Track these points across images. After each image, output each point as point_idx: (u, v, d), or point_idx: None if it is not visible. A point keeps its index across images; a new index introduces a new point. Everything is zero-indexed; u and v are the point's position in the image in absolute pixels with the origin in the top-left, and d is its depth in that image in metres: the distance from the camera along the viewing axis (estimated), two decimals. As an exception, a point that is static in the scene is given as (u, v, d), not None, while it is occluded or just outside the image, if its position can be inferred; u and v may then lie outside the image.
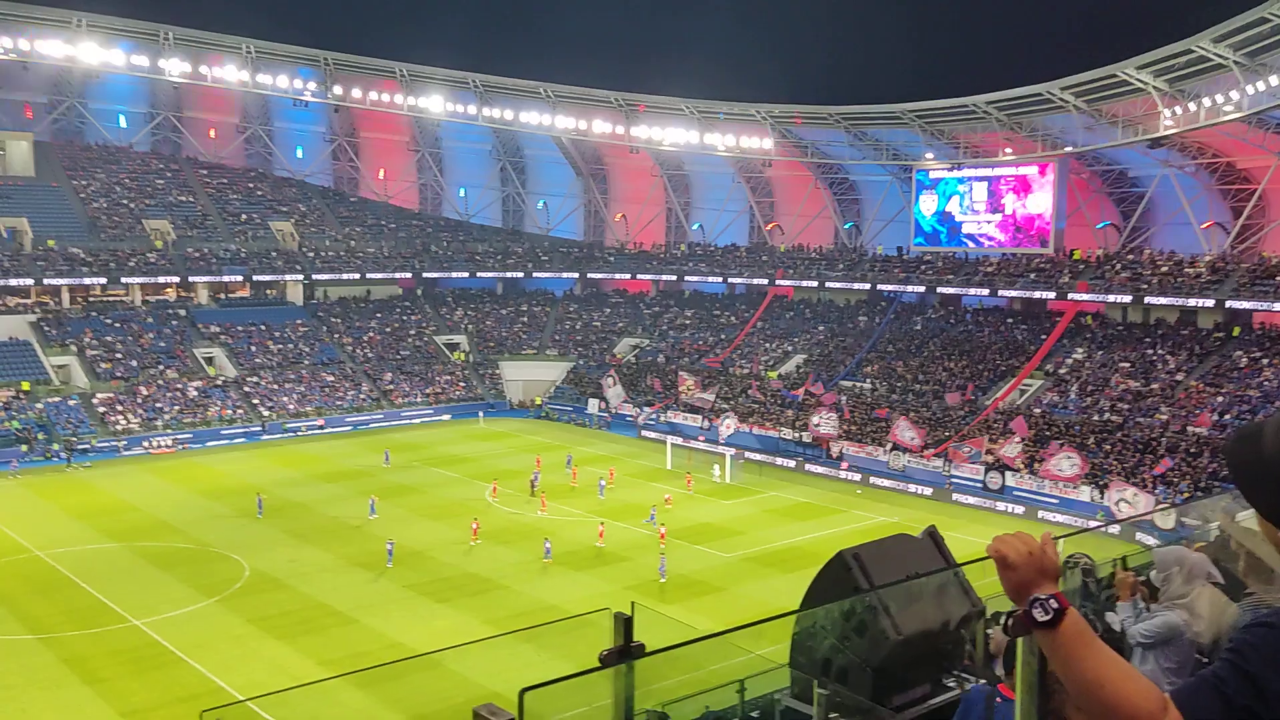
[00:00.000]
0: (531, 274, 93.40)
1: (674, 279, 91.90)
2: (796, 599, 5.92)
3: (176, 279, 79.51)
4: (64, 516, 49.19)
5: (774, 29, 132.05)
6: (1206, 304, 61.12)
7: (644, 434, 70.97)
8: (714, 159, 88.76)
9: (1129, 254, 69.44)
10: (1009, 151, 74.68)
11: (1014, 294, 71.55)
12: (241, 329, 79.23)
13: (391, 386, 78.59)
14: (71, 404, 66.23)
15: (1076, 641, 2.62)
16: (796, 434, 64.66)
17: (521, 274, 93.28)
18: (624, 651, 4.52)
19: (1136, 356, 62.60)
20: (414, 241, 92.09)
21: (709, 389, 72.75)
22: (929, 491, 56.35)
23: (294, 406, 72.78)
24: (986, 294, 73.24)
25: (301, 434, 70.24)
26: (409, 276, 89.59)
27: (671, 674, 4.92)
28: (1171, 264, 65.24)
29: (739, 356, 79.95)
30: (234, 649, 33.01)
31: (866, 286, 79.86)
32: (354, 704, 27.67)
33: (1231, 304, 59.99)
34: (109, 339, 73.36)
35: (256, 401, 72.10)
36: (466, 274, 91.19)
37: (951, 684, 5.84)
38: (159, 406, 68.32)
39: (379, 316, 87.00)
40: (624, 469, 59.76)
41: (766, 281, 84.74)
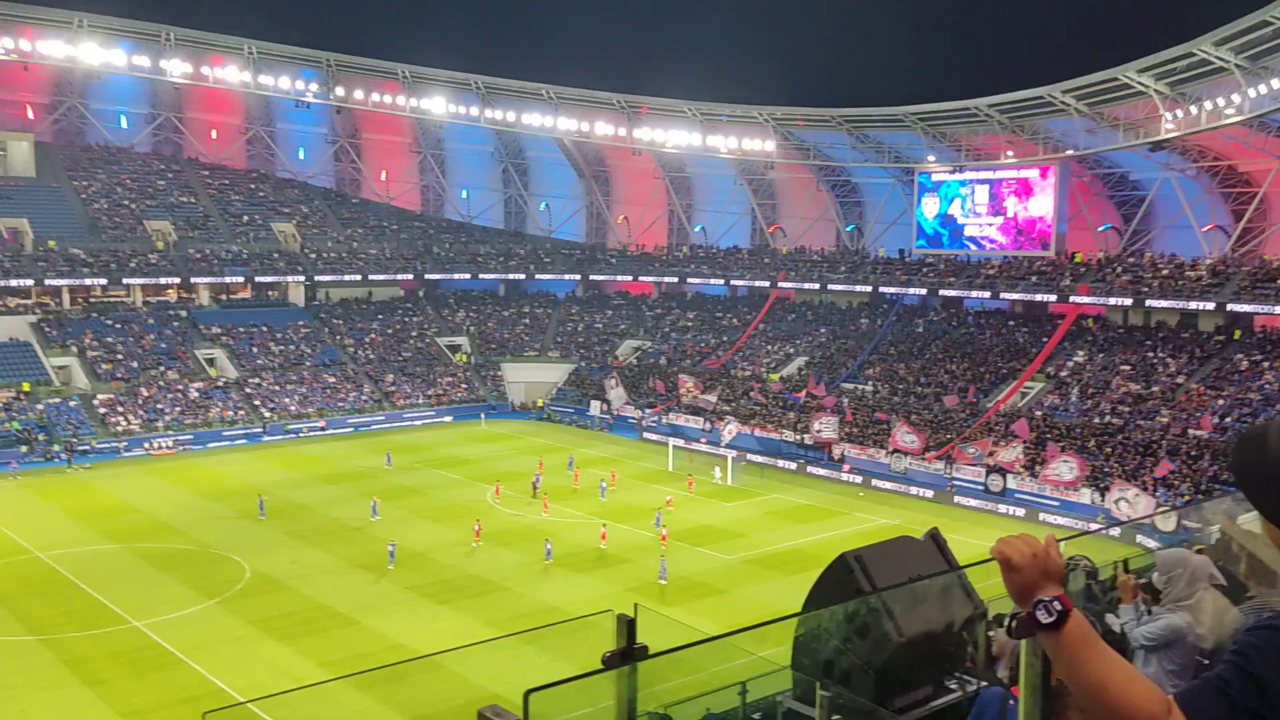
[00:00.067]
0: (533, 276, 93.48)
1: (676, 281, 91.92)
2: (798, 601, 5.92)
3: (177, 280, 79.51)
4: (64, 517, 49.19)
5: (776, 31, 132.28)
6: (1207, 307, 61.17)
7: (646, 436, 70.98)
8: (716, 161, 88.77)
9: (1130, 257, 69.45)
10: (1010, 154, 74.70)
11: (1015, 297, 71.58)
12: (243, 330, 79.22)
13: (393, 388, 78.59)
14: (72, 405, 66.24)
15: (1080, 643, 2.62)
16: (798, 436, 64.64)
17: (523, 276, 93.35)
18: (627, 653, 4.52)
19: (1137, 359, 62.59)
20: (416, 243, 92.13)
21: (710, 391, 72.76)
22: (930, 494, 56.36)
23: (295, 408, 72.78)
24: (988, 296, 73.28)
25: (303, 435, 70.26)
26: (411, 278, 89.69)
27: (673, 676, 4.91)
28: (1172, 267, 65.26)
29: (741, 359, 79.92)
30: (234, 650, 33.01)
31: (868, 289, 79.90)
32: (355, 706, 27.66)
33: (1232, 307, 60.05)
34: (110, 340, 73.36)
35: (258, 403, 72.10)
36: (468, 275, 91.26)
37: (953, 686, 5.84)
38: (160, 408, 68.32)
39: (381, 318, 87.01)
40: (625, 471, 59.76)
41: (768, 284, 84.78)
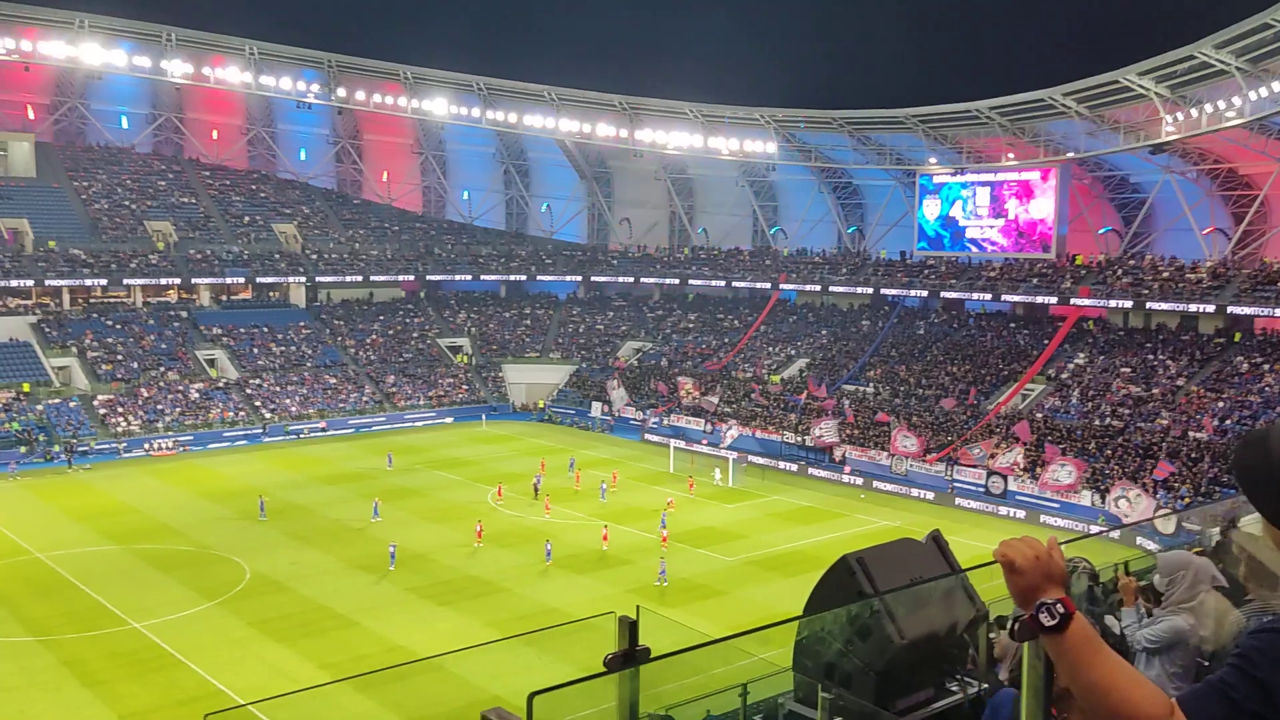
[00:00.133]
0: (535, 277, 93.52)
1: (677, 283, 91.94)
2: (799, 603, 5.91)
3: (178, 281, 79.50)
4: (64, 518, 49.17)
5: (777, 33, 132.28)
6: (1208, 309, 61.19)
7: (647, 438, 70.96)
8: (717, 163, 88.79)
9: (1130, 259, 69.46)
10: (1011, 157, 74.72)
11: (1016, 299, 71.58)
12: (244, 331, 79.21)
13: (394, 389, 78.57)
14: (72, 405, 66.23)
15: (1083, 646, 2.62)
16: (799, 438, 64.62)
17: (525, 277, 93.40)
18: (629, 655, 4.52)
19: (1138, 362, 62.59)
20: (417, 244, 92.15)
21: (710, 393, 72.73)
22: (931, 496, 56.34)
23: (296, 409, 72.76)
24: (989, 299, 73.28)
25: (303, 436, 70.24)
26: (412, 279, 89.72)
27: (675, 677, 4.91)
28: (1173, 269, 65.27)
29: (742, 360, 79.93)
30: (234, 652, 32.98)
31: (869, 291, 79.91)
32: (355, 707, 27.62)
33: (1233, 309, 60.08)
34: (110, 340, 73.36)
35: (259, 404, 72.09)
36: (470, 277, 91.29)
37: (954, 688, 5.84)
38: (160, 408, 68.31)
39: (382, 319, 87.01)
40: (626, 472, 59.75)
41: (769, 285, 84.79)
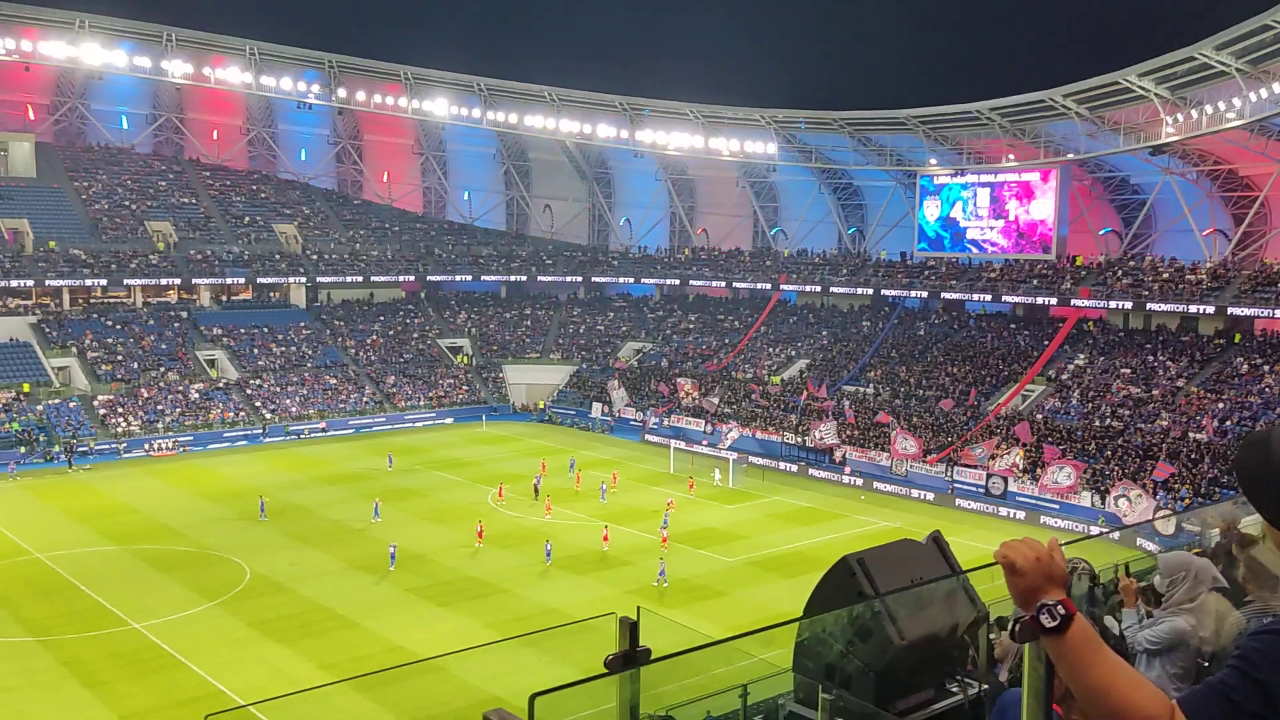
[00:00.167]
0: (535, 277, 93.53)
1: (678, 283, 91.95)
2: (799, 604, 5.90)
3: (178, 281, 79.51)
4: (64, 519, 49.17)
5: (777, 34, 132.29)
6: (1208, 311, 61.22)
7: (647, 438, 70.96)
8: (718, 163, 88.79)
9: (1130, 260, 69.50)
10: (1012, 158, 74.73)
11: (1017, 300, 71.59)
12: (244, 331, 79.21)
13: (394, 390, 78.58)
14: (72, 406, 66.24)
15: (1084, 648, 2.61)
16: (800, 439, 64.63)
17: (525, 277, 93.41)
18: (629, 656, 4.51)
19: (1138, 363, 62.60)
20: (418, 244, 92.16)
21: (709, 394, 72.72)
22: (931, 497, 56.35)
23: (296, 409, 72.76)
24: (989, 300, 73.30)
25: (304, 437, 70.23)
26: (412, 279, 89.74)
27: (675, 678, 4.91)
28: (1173, 270, 65.29)
29: (742, 361, 79.93)
30: (234, 652, 32.98)
31: (870, 291, 79.95)
32: (355, 708, 27.63)
33: (1233, 311, 60.12)
34: (110, 341, 73.38)
35: (259, 404, 72.10)
36: (470, 277, 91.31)
37: (955, 689, 5.84)
38: (160, 409, 68.31)
39: (382, 319, 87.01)
40: (627, 473, 59.74)
41: (770, 286, 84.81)
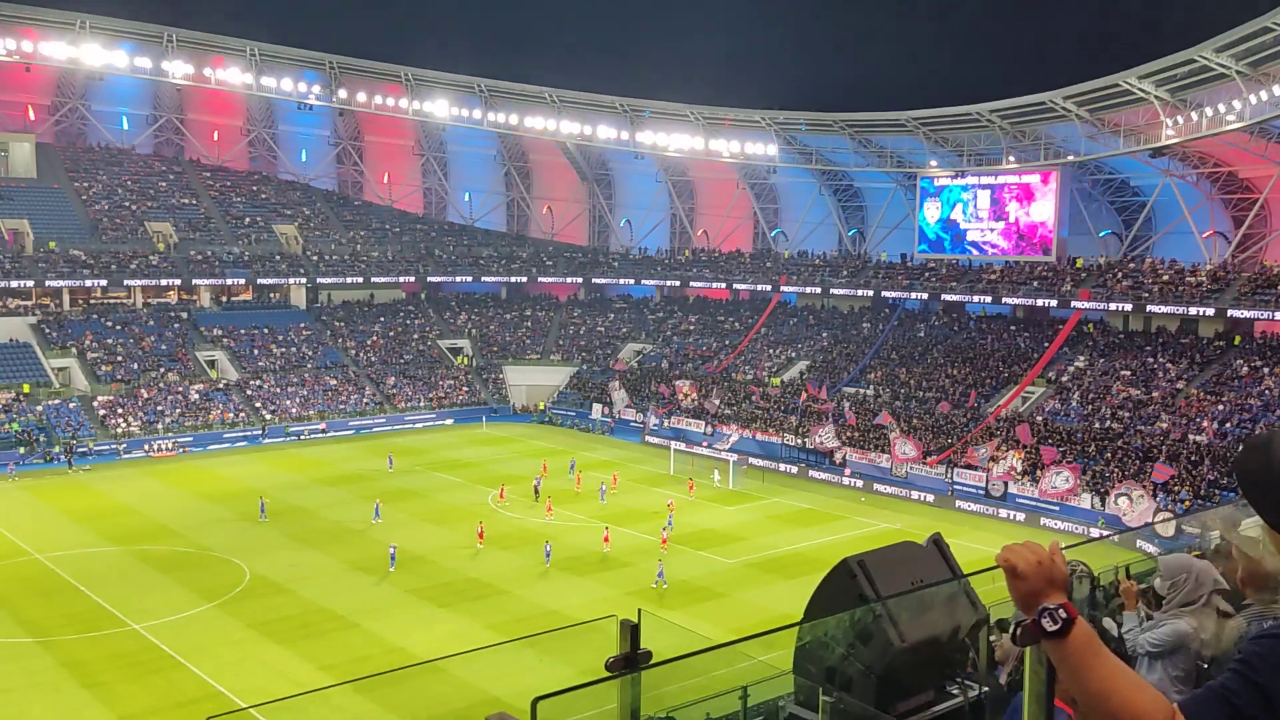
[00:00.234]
0: (536, 279, 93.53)
1: (678, 285, 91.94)
2: (799, 605, 5.90)
3: (178, 281, 79.51)
4: (64, 519, 49.15)
5: (778, 35, 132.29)
6: (1207, 313, 61.19)
7: (648, 440, 70.94)
8: (718, 165, 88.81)
9: (1131, 262, 69.51)
10: (1012, 160, 74.76)
11: (1017, 301, 71.58)
12: (244, 332, 79.20)
13: (394, 390, 78.58)
14: (72, 406, 66.23)
15: (1085, 651, 2.62)
16: (800, 440, 64.63)
17: (525, 279, 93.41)
18: (630, 659, 4.51)
19: (1138, 365, 62.61)
20: (418, 245, 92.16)
21: (708, 396, 72.71)
22: (931, 498, 56.36)
23: (296, 410, 72.75)
24: (989, 301, 73.28)
25: (304, 438, 70.22)
26: (413, 280, 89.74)
27: (674, 680, 4.91)
28: (1173, 273, 65.31)
29: (743, 363, 79.93)
30: (234, 653, 32.98)
31: (870, 293, 79.99)
32: (355, 709, 27.60)
33: (1232, 313, 60.09)
34: (110, 341, 73.37)
35: (259, 405, 72.09)
36: (470, 278, 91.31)
37: (955, 691, 5.84)
38: (160, 409, 68.30)
39: (382, 320, 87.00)
40: (627, 474, 59.73)
41: (770, 288, 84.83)
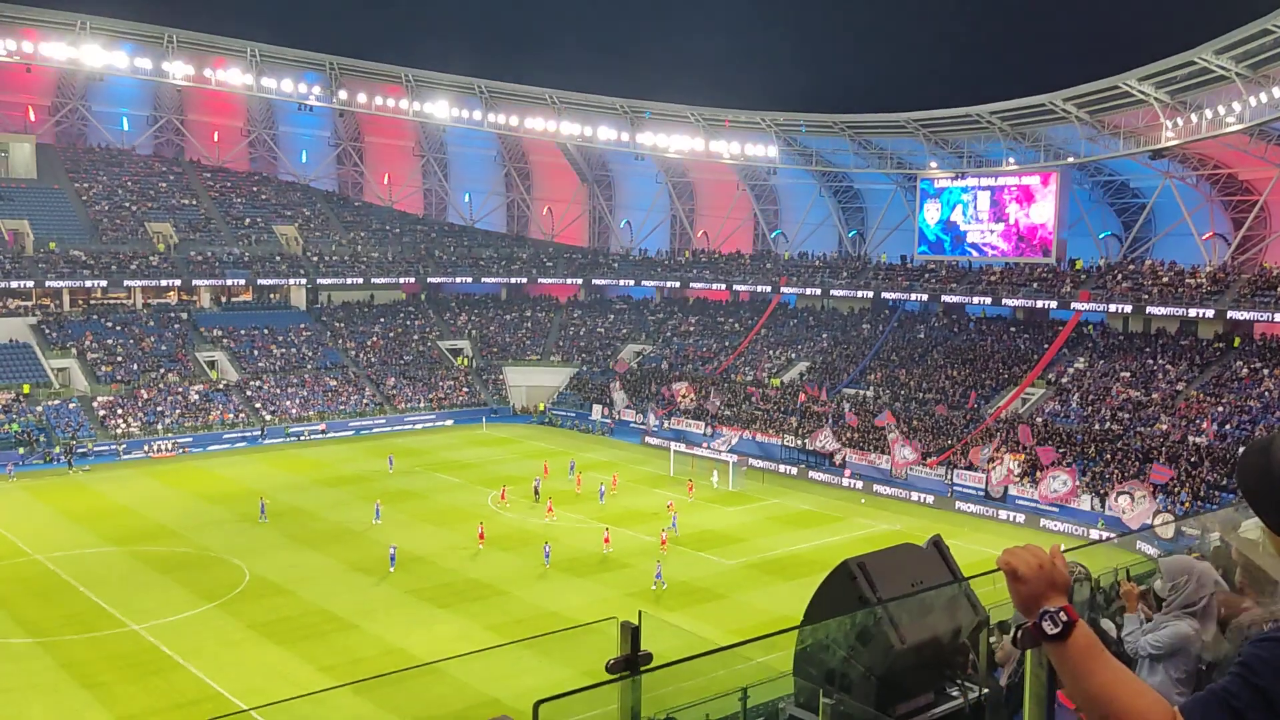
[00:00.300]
0: (536, 280, 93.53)
1: (678, 286, 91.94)
2: (799, 606, 5.90)
3: (178, 282, 79.51)
4: (63, 520, 49.13)
5: (778, 37, 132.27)
6: (1207, 314, 61.17)
7: (648, 441, 70.93)
8: (719, 166, 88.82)
9: (1130, 264, 69.52)
10: (1012, 161, 74.78)
11: (1017, 303, 71.57)
12: (244, 333, 79.19)
13: (394, 391, 78.57)
14: (71, 407, 66.22)
15: (1086, 654, 2.62)
16: (800, 441, 64.63)
17: (525, 280, 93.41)
18: (631, 660, 4.51)
19: (1137, 366, 62.61)
20: (418, 246, 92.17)
21: (707, 397, 72.70)
22: (931, 500, 56.35)
23: (296, 411, 72.75)
24: (989, 303, 73.24)
25: (304, 439, 70.20)
26: (413, 281, 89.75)
27: (674, 681, 4.91)
28: (1172, 274, 65.31)
29: (743, 364, 79.92)
30: (233, 654, 32.96)
31: (870, 294, 80.00)
32: (354, 710, 27.59)
33: (1232, 314, 60.05)
34: (110, 342, 73.35)
35: (259, 405, 72.08)
36: (470, 279, 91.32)
37: (955, 692, 5.83)
38: (160, 410, 68.29)
39: (382, 321, 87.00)
40: (627, 475, 59.71)
41: (770, 289, 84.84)
